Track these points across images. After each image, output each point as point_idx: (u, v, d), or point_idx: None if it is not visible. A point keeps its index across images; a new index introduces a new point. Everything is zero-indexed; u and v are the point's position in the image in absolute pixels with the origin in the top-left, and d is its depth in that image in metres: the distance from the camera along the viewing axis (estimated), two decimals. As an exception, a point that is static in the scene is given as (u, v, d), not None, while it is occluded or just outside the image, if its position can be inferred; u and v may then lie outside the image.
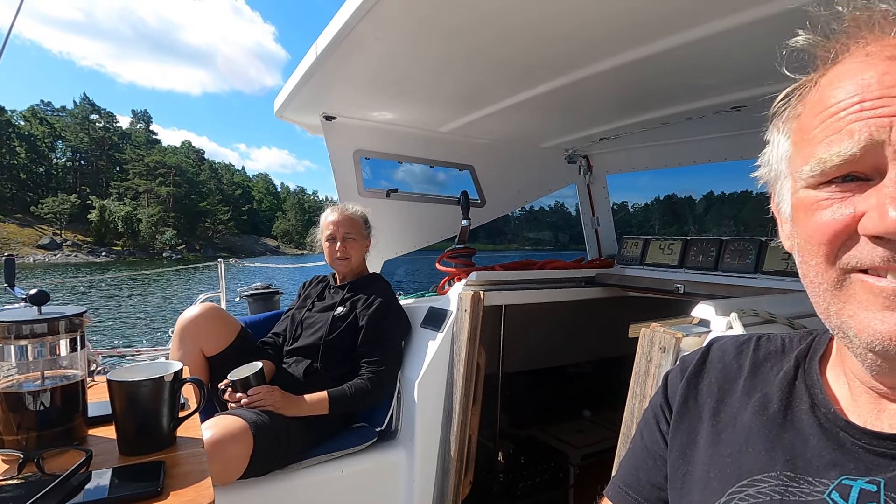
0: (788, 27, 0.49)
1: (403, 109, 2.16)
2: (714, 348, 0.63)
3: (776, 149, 0.51)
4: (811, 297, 0.49)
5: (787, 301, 1.32)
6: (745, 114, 1.99)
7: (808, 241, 0.46)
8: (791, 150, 0.49)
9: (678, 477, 0.57)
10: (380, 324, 1.85)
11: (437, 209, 2.65)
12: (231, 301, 3.60)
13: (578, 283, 2.27)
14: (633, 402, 1.10)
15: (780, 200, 0.52)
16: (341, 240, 1.98)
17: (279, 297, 3.25)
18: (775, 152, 0.52)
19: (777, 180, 0.52)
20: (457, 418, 1.78)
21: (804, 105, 0.48)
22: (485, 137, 2.61)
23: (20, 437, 0.80)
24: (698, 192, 3.02)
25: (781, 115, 0.51)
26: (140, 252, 73.40)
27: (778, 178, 0.52)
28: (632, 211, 3.52)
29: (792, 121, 0.49)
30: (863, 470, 0.44)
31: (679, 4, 1.22)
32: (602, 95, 1.95)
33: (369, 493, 1.78)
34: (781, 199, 0.51)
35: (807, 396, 0.52)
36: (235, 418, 1.49)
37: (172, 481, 0.73)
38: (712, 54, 1.48)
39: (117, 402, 0.82)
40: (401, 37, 1.45)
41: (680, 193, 3.15)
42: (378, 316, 1.86)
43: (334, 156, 2.31)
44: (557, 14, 1.29)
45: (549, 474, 2.49)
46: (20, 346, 0.81)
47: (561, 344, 2.93)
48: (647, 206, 3.49)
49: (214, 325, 1.82)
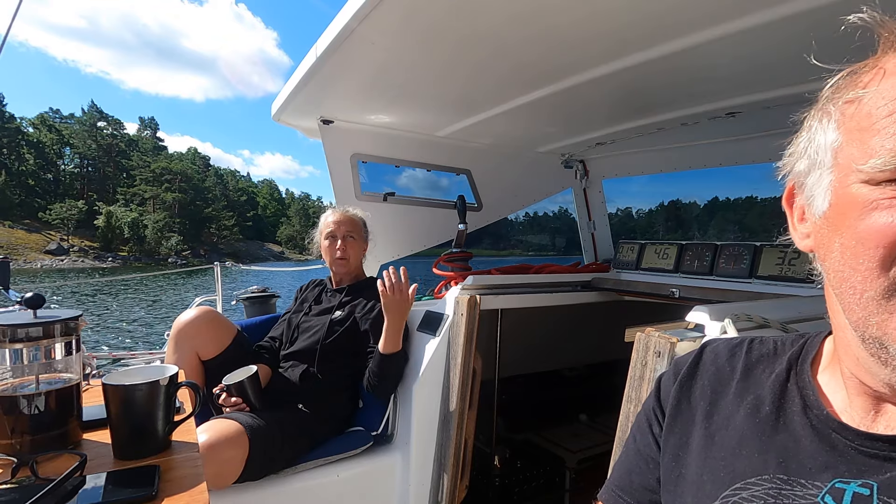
0: (783, 34, 0.49)
1: (401, 114, 2.17)
2: (707, 351, 0.63)
3: (819, 137, 0.46)
4: (846, 303, 0.44)
5: (780, 306, 1.33)
6: (739, 119, 2.01)
7: (859, 243, 0.41)
8: (842, 140, 0.44)
9: (671, 480, 0.57)
10: (380, 326, 1.85)
11: (434, 213, 2.65)
12: (227, 305, 3.59)
13: (574, 287, 2.27)
14: (629, 406, 1.10)
15: (811, 194, 0.47)
16: (342, 238, 1.99)
17: (275, 301, 3.24)
18: (817, 141, 0.46)
19: (811, 172, 0.47)
20: (453, 422, 1.78)
21: (865, 91, 0.43)
22: (482, 142, 2.62)
23: (14, 441, 0.80)
24: (703, 197, 3.02)
25: (831, 101, 0.46)
26: (146, 257, 73.70)
27: (814, 170, 0.47)
28: (636, 217, 3.54)
29: (845, 108, 0.44)
30: (855, 472, 0.44)
31: (674, 12, 1.23)
32: (598, 101, 1.96)
33: (365, 497, 1.78)
34: (814, 192, 0.46)
35: (799, 398, 0.52)
36: (231, 422, 1.49)
37: (167, 485, 0.72)
38: (707, 60, 1.49)
39: (112, 406, 0.82)
40: (398, 41, 1.46)
41: (684, 199, 3.16)
42: (378, 319, 1.86)
43: (331, 160, 2.32)
44: (554, 20, 1.30)
45: (546, 478, 2.49)
46: (15, 349, 0.81)
47: (557, 348, 2.94)
48: (651, 211, 3.49)
49: (210, 329, 1.81)
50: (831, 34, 0.49)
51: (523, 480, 2.45)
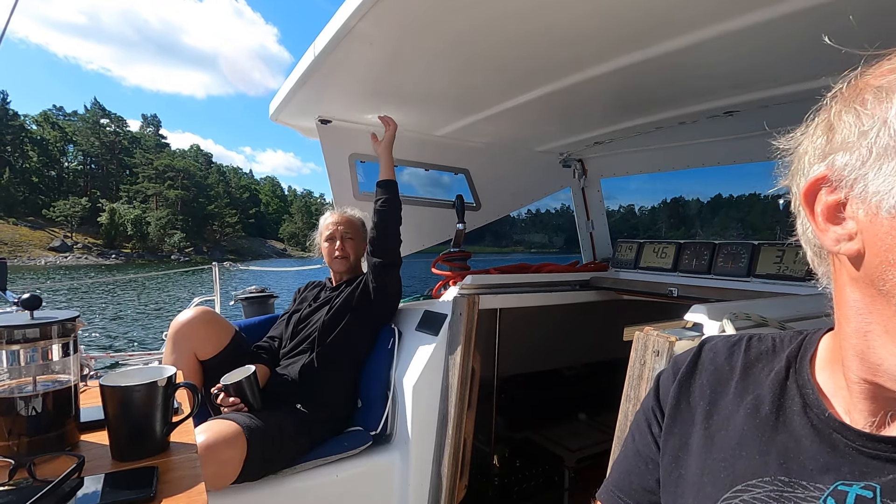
0: (782, 33, 0.49)
1: (399, 113, 2.16)
2: (706, 349, 0.62)
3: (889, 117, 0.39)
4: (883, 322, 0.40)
5: (779, 304, 1.33)
6: (737, 118, 2.01)
7: None
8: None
9: (671, 481, 0.57)
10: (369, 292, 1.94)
11: (433, 213, 2.65)
12: (225, 305, 3.59)
13: (573, 286, 2.27)
14: (627, 405, 1.10)
15: (877, 190, 0.39)
16: (340, 239, 2.02)
17: (274, 301, 3.24)
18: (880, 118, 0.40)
19: (878, 161, 0.40)
20: (452, 422, 1.78)
21: None
22: (480, 141, 2.62)
23: (11, 443, 0.79)
24: (706, 194, 3.02)
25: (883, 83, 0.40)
26: (149, 254, 73.91)
27: (886, 159, 0.39)
28: (639, 214, 3.54)
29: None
30: (857, 474, 0.43)
31: (674, 10, 1.23)
32: (596, 100, 1.96)
33: (364, 497, 1.78)
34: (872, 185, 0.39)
35: (798, 397, 0.51)
36: (229, 423, 1.48)
37: (165, 487, 0.72)
38: (706, 59, 1.49)
39: (110, 408, 0.82)
40: (396, 41, 1.46)
41: (687, 196, 3.15)
42: (367, 288, 1.94)
43: (329, 159, 2.31)
44: (552, 19, 1.30)
45: (545, 477, 2.49)
46: (12, 350, 0.80)
47: (556, 347, 2.94)
48: (654, 208, 3.49)
49: (208, 329, 1.81)
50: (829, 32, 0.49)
51: (522, 479, 2.45)
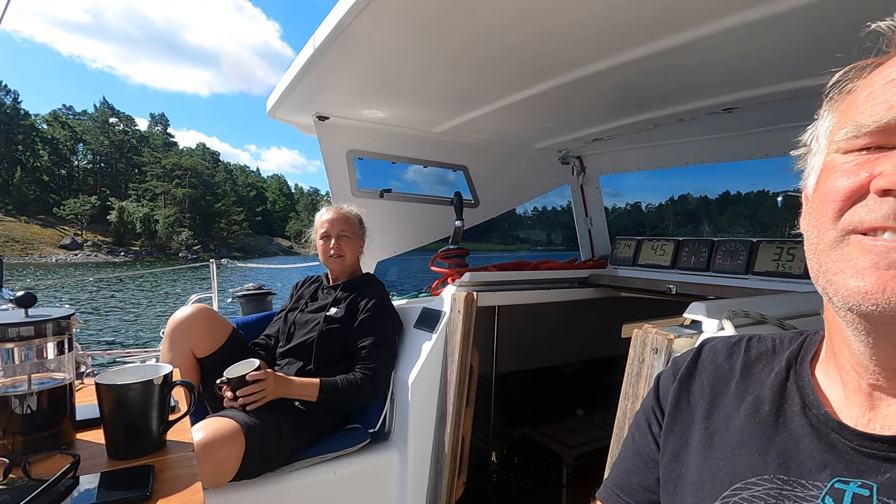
0: (781, 30, 0.49)
1: (397, 109, 2.15)
2: (706, 349, 0.63)
3: (821, 124, 0.51)
4: (809, 264, 0.47)
5: (777, 302, 1.33)
6: (736, 115, 2.01)
7: (820, 202, 0.46)
8: (833, 123, 0.49)
9: (671, 480, 0.57)
10: (373, 324, 1.85)
11: (431, 210, 2.65)
12: (223, 302, 3.58)
13: (571, 283, 2.27)
14: (626, 403, 1.10)
15: (807, 174, 0.51)
16: (336, 237, 1.99)
17: (271, 299, 3.23)
18: (818, 128, 0.51)
19: (812, 156, 0.51)
20: (450, 419, 1.78)
21: (858, 83, 0.47)
22: (478, 138, 2.61)
23: (6, 442, 0.79)
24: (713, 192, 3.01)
25: (835, 90, 0.50)
26: (157, 252, 74.35)
27: (813, 153, 0.51)
28: (646, 211, 3.52)
29: (844, 97, 0.49)
30: (854, 472, 0.44)
31: (673, 7, 1.22)
32: (595, 97, 1.95)
33: (362, 494, 1.78)
34: (810, 172, 0.51)
35: (798, 397, 0.52)
36: (227, 420, 1.48)
37: (162, 485, 0.72)
38: (704, 56, 1.49)
39: (106, 406, 0.81)
40: (394, 37, 1.45)
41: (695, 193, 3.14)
42: (371, 316, 1.85)
43: (327, 156, 2.30)
44: (551, 16, 1.29)
45: (543, 474, 2.50)
46: (6, 349, 0.80)
47: (554, 344, 2.94)
48: (661, 205, 3.48)
49: (205, 326, 1.80)
50: (827, 30, 0.49)
51: (520, 476, 2.46)
